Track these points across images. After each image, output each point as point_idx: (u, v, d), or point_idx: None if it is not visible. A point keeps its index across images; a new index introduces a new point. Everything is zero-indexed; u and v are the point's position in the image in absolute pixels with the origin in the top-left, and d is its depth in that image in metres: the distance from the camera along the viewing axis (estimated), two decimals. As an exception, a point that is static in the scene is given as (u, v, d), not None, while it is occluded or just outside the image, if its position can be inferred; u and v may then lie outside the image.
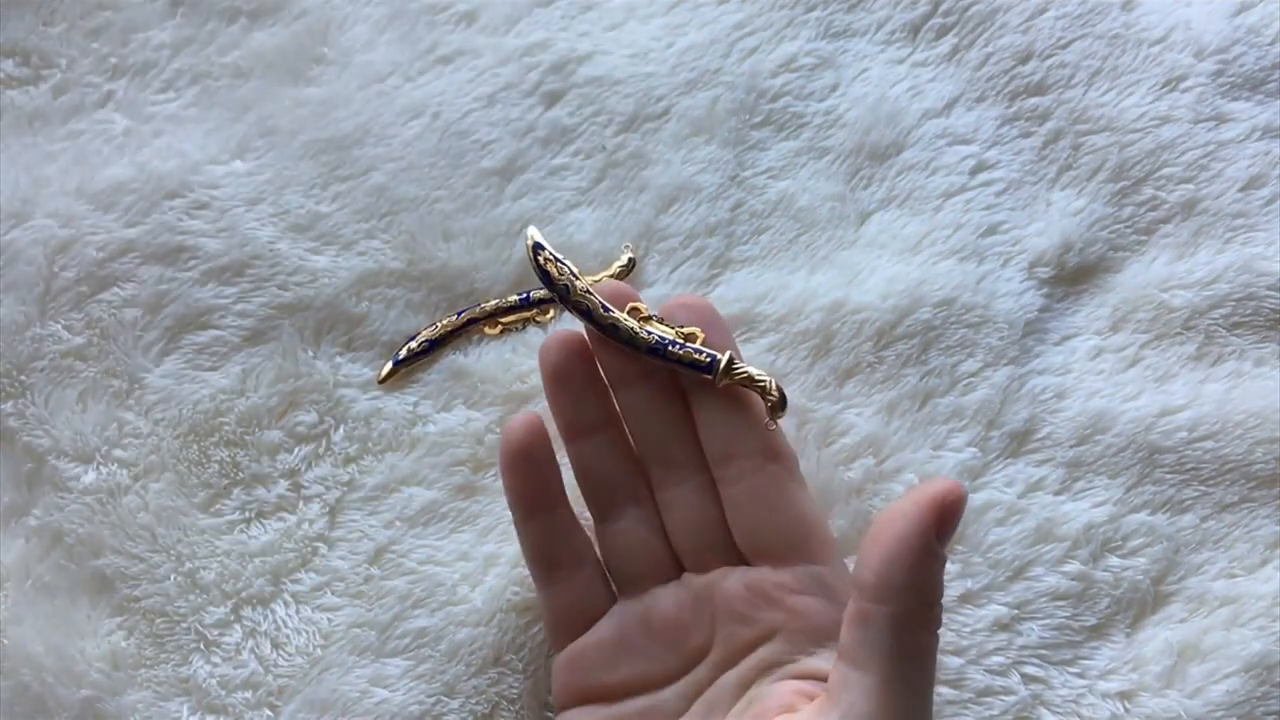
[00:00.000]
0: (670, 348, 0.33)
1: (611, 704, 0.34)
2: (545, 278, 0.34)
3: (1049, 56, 0.44)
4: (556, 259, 0.34)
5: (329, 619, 0.38)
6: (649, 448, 0.35)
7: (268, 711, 0.36)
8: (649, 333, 0.33)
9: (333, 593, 0.38)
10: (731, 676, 0.33)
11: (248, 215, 0.43)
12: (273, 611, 0.37)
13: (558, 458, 0.35)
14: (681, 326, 0.33)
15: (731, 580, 0.33)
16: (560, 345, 0.34)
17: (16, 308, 0.41)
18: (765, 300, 0.41)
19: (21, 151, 0.44)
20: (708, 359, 0.33)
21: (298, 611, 0.38)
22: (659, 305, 0.35)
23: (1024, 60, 0.44)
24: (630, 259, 0.42)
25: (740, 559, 0.34)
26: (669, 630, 0.34)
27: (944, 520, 0.27)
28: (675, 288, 0.42)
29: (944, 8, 0.45)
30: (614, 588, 0.35)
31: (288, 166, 0.43)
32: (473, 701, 0.37)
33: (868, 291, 0.41)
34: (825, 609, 0.32)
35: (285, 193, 0.43)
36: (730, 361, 0.32)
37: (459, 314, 0.41)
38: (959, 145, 0.43)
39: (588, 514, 0.35)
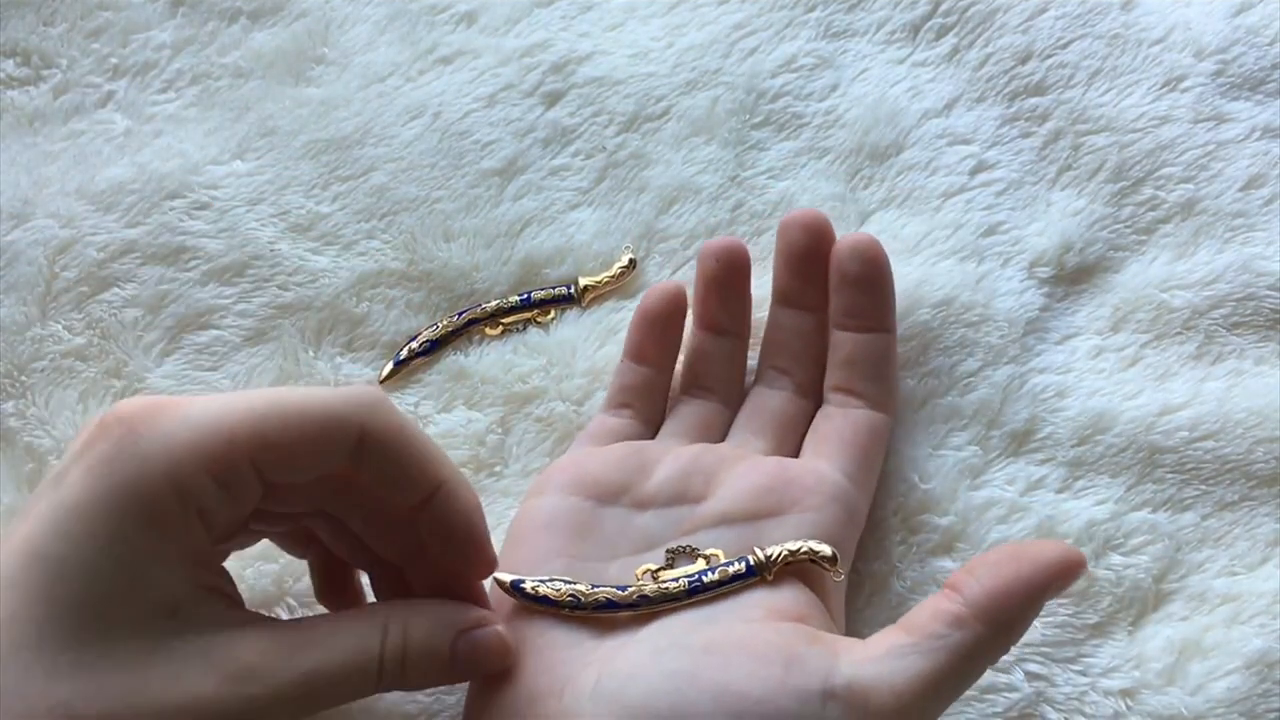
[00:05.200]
0: (704, 578, 0.31)
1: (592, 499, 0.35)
2: (546, 601, 0.31)
3: (1049, 56, 0.44)
4: (540, 581, 0.31)
5: (330, 619, 0.38)
6: (774, 354, 0.38)
7: (269, 711, 0.36)
8: (675, 580, 0.31)
9: (334, 593, 0.38)
10: (729, 533, 0.33)
11: (248, 215, 0.43)
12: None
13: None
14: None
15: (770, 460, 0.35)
16: (725, 255, 0.37)
17: (17, 308, 0.41)
18: (766, 301, 0.41)
19: (22, 152, 0.44)
20: (744, 567, 0.31)
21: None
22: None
23: (1024, 60, 0.44)
24: (631, 260, 0.42)
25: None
26: (675, 477, 0.34)
27: (1064, 584, 0.29)
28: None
29: (944, 8, 0.45)
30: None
31: (288, 167, 0.43)
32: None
33: (868, 291, 0.41)
34: (839, 504, 0.34)
35: (286, 193, 0.43)
36: (766, 559, 0.31)
37: (459, 314, 0.41)
38: (959, 145, 0.43)
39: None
